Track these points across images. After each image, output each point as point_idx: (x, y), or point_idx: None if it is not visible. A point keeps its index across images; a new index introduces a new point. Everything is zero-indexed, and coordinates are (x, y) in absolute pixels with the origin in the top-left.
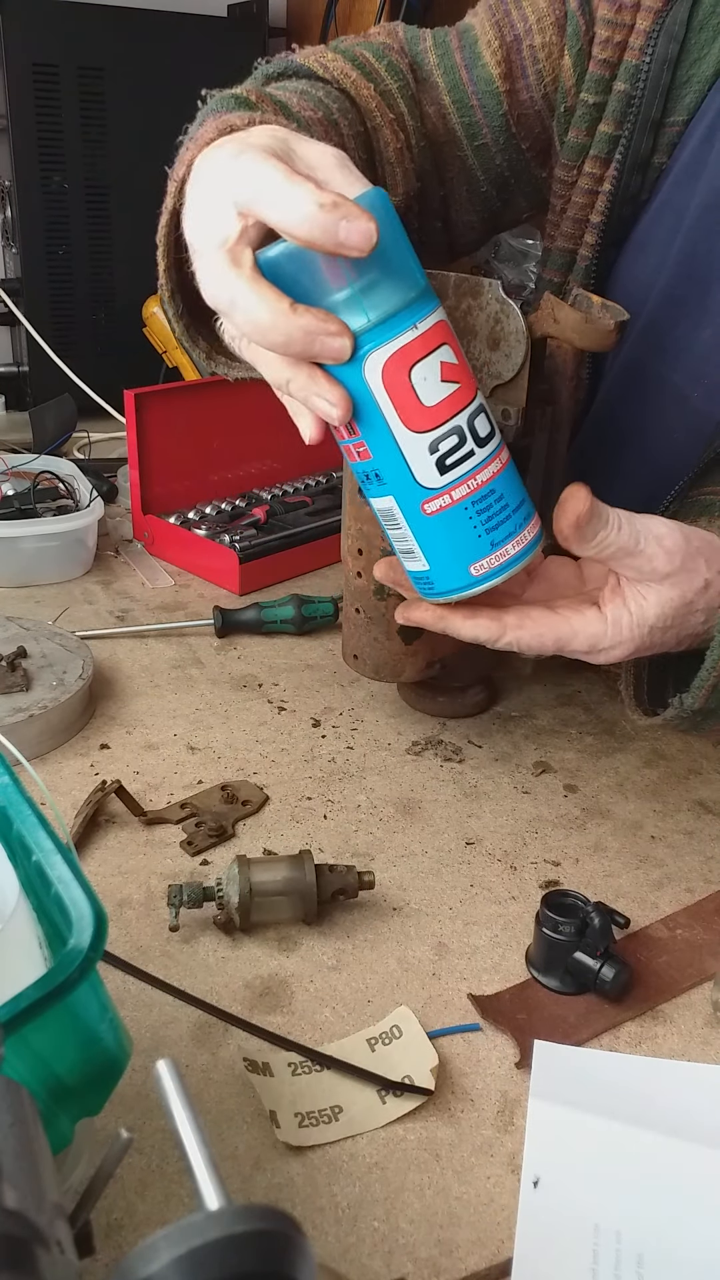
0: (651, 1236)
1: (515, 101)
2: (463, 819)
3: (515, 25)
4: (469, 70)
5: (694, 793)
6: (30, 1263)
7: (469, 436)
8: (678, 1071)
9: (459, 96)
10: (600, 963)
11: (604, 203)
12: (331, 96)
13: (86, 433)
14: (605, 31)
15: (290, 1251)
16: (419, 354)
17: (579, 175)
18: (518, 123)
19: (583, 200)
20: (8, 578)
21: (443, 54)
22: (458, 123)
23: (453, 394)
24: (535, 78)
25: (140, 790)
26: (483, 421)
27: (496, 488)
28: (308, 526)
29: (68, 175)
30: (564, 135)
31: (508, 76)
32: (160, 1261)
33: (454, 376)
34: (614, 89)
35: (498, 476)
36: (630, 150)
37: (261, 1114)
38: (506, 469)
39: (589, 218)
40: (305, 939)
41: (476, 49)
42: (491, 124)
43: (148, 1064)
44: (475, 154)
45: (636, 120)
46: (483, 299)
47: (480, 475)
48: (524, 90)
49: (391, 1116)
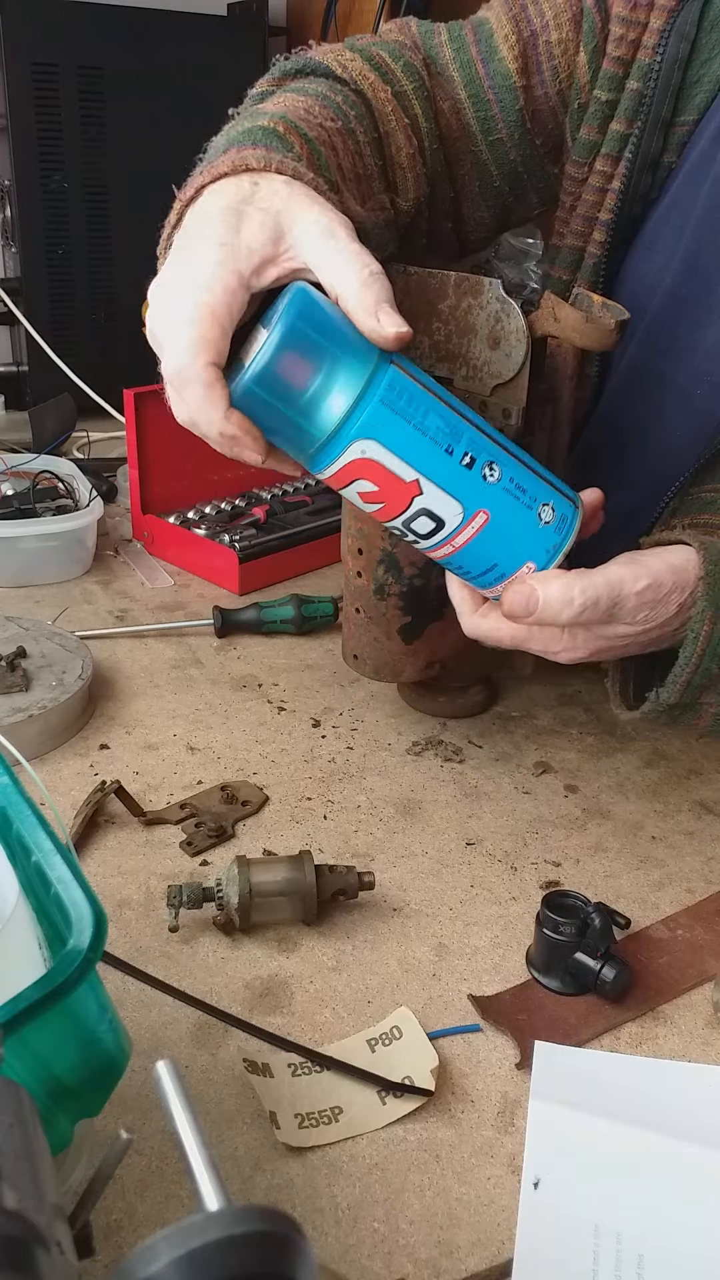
0: (652, 1237)
1: (530, 97)
2: (463, 819)
3: (532, 21)
4: (485, 64)
5: (695, 793)
6: (30, 1263)
7: (410, 534)
8: (678, 1072)
9: (475, 91)
10: (601, 963)
11: (613, 201)
12: (349, 102)
13: (86, 432)
14: (620, 29)
15: (290, 1252)
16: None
17: (589, 173)
18: (532, 118)
19: (593, 198)
20: (7, 577)
21: (458, 48)
22: (473, 118)
23: (378, 511)
24: (550, 74)
25: (140, 791)
26: (422, 524)
27: (455, 562)
28: (308, 526)
29: (67, 175)
30: (576, 132)
31: (524, 72)
32: (160, 1262)
33: (376, 499)
34: (626, 87)
35: (453, 556)
36: (641, 149)
37: (261, 1115)
38: (463, 550)
39: (598, 216)
40: (305, 940)
41: (493, 43)
42: (507, 119)
43: (147, 1065)
44: (489, 149)
45: (647, 119)
46: (483, 298)
47: (438, 554)
48: (539, 86)
49: (392, 1117)
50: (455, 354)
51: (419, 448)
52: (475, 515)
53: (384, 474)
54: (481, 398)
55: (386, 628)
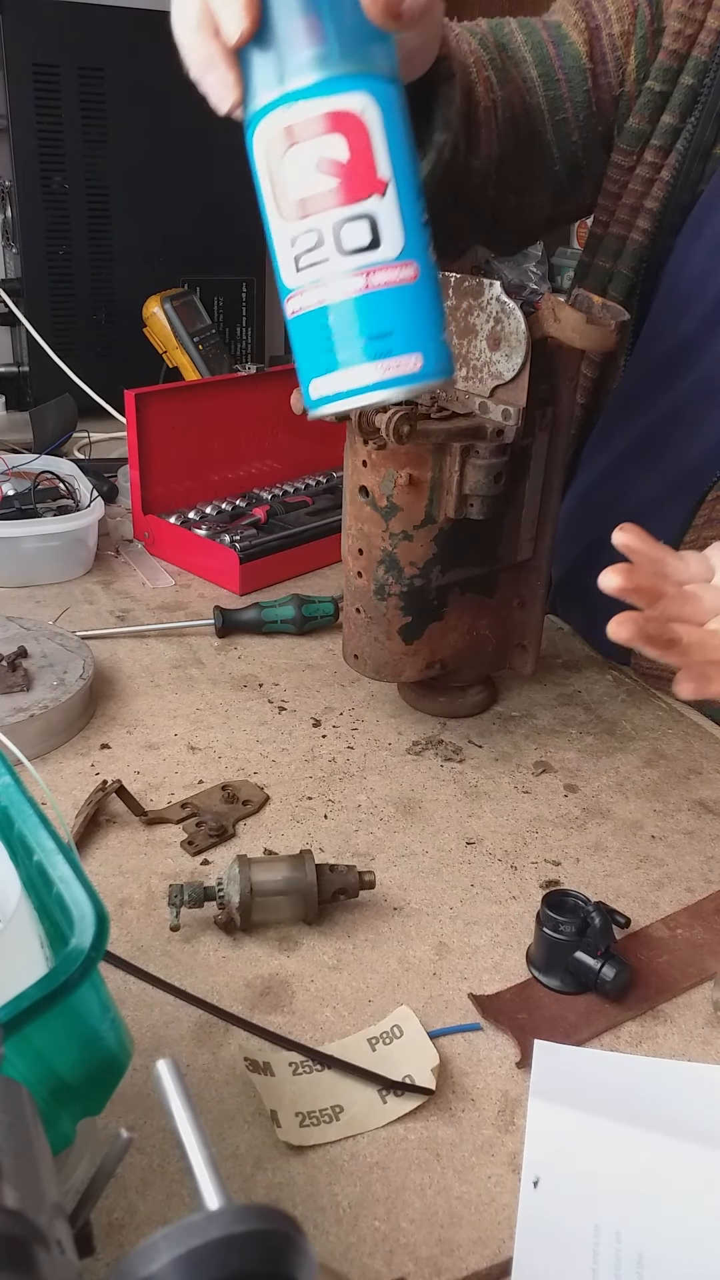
0: (651, 1236)
1: (597, 84)
2: (463, 819)
3: (596, 15)
4: (556, 46)
5: (694, 792)
6: (30, 1262)
7: (329, 242)
8: (678, 1071)
9: (545, 70)
10: (601, 962)
11: (661, 190)
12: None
13: (87, 433)
14: (677, 24)
15: (291, 1251)
16: (298, 137)
17: (637, 162)
18: (598, 103)
19: (640, 188)
20: (8, 578)
21: (529, 32)
22: (542, 96)
23: (326, 191)
24: (614, 64)
25: (141, 790)
26: (357, 232)
27: (348, 308)
28: (308, 526)
29: (68, 176)
30: (623, 122)
31: (591, 57)
32: (160, 1261)
33: (336, 173)
34: (681, 82)
35: (355, 296)
36: (694, 140)
37: (262, 1113)
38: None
39: (644, 204)
40: (306, 939)
41: (562, 30)
42: (575, 99)
43: (148, 1063)
44: (554, 129)
45: (702, 111)
46: (483, 299)
47: (332, 288)
48: (604, 75)
49: (392, 1116)
50: (455, 355)
51: (406, 158)
52: (407, 262)
53: (364, 146)
54: (481, 398)
55: (387, 628)
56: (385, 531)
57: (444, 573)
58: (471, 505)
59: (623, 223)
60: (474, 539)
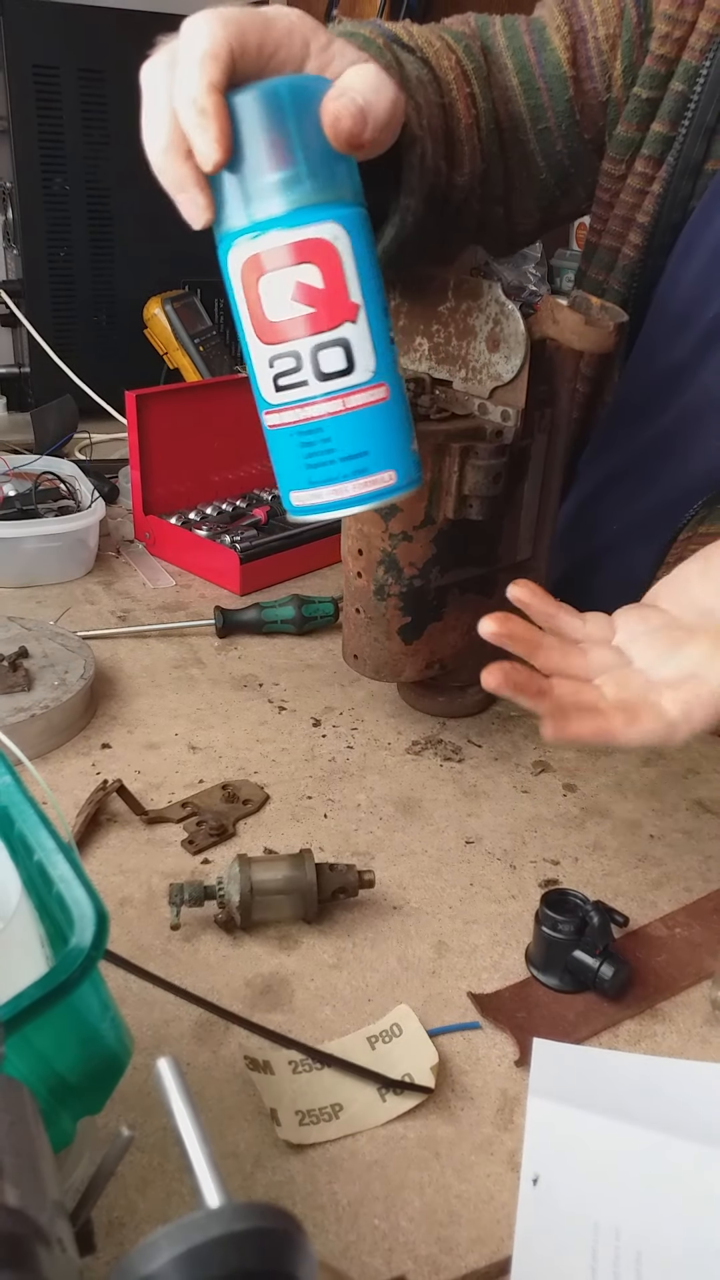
0: (651, 1235)
1: (580, 90)
2: (462, 818)
3: (582, 16)
4: (538, 52)
5: (692, 792)
6: (31, 1261)
7: (307, 366)
8: (677, 1069)
9: (526, 78)
10: (599, 961)
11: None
12: (415, 64)
13: (88, 433)
14: (665, 26)
15: (291, 1249)
16: (273, 265)
17: (628, 172)
18: (582, 111)
19: (631, 199)
20: (9, 578)
21: (511, 36)
22: (523, 105)
23: (302, 317)
24: (600, 69)
25: (141, 789)
26: (333, 357)
27: (326, 429)
28: (308, 527)
29: (69, 177)
30: (613, 128)
31: (574, 63)
32: (161, 1259)
33: (311, 301)
34: (670, 88)
35: (332, 418)
36: (683, 154)
37: (262, 1112)
38: (350, 415)
39: (636, 218)
40: (306, 937)
41: (545, 34)
42: (556, 108)
43: (149, 1062)
44: (538, 138)
45: (690, 124)
46: (482, 300)
47: (310, 410)
48: (589, 80)
49: (392, 1114)
50: (454, 356)
51: (374, 280)
52: (379, 384)
53: (337, 275)
54: (480, 399)
55: (386, 628)
56: (385, 532)
57: (443, 573)
58: (471, 506)
59: (615, 234)
60: (473, 539)
